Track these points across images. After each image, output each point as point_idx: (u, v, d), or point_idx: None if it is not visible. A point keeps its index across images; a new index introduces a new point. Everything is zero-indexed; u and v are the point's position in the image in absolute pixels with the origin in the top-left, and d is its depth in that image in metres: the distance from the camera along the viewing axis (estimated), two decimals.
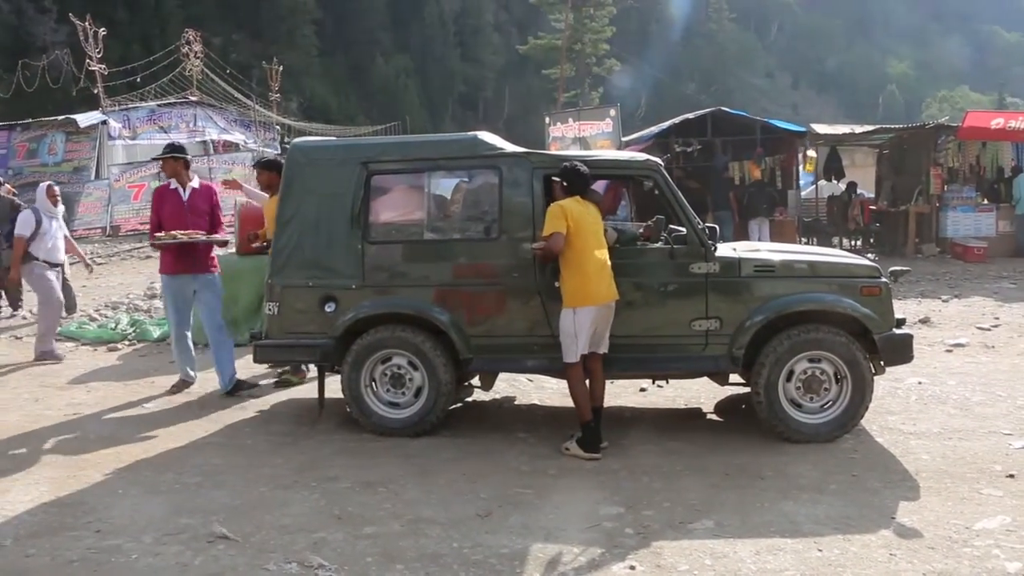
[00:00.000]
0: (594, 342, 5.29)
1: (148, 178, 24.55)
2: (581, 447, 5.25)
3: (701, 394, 6.73)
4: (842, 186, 17.87)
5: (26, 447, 5.70)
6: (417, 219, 6.06)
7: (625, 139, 19.70)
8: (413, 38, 67.40)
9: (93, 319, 10.76)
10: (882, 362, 5.59)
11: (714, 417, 6.32)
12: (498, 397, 6.83)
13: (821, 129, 17.72)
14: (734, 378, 5.90)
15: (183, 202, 7.00)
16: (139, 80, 29.07)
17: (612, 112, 21.35)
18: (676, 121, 17.18)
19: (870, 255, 15.24)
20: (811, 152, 16.59)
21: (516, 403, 6.80)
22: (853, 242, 17.29)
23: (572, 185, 5.30)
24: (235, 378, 7.07)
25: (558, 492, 4.75)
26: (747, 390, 5.76)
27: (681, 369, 5.82)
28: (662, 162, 5.96)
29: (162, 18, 50.10)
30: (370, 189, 5.82)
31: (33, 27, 47.96)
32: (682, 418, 6.30)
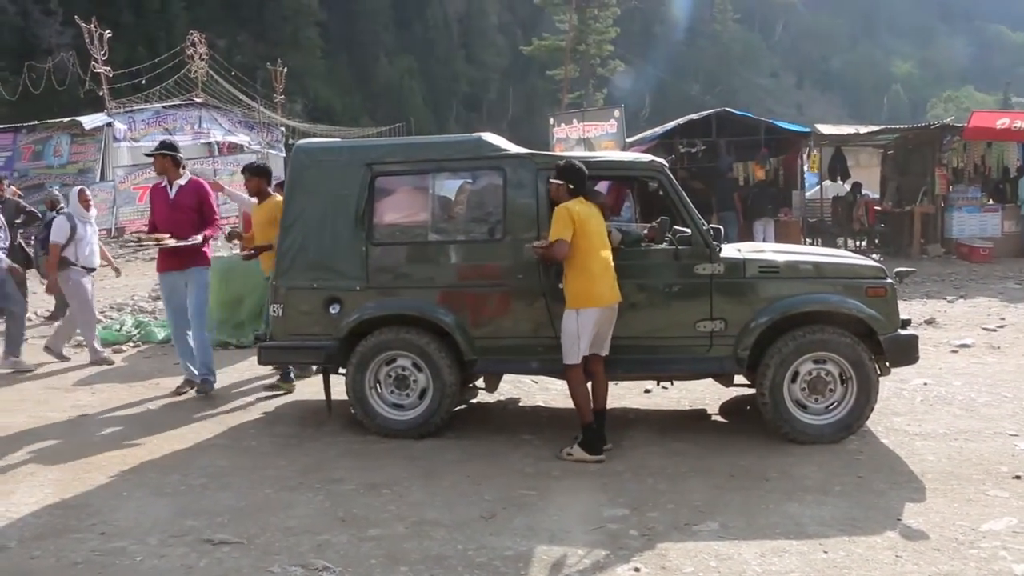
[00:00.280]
0: (596, 344, 5.28)
1: (153, 180, 24.64)
2: (584, 449, 5.23)
3: (706, 395, 6.71)
4: (847, 187, 17.85)
5: (31, 449, 5.72)
6: (421, 220, 6.04)
7: (629, 140, 19.70)
8: (417, 39, 67.47)
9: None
10: (887, 363, 5.58)
11: (719, 418, 6.31)
12: (503, 399, 6.83)
13: (826, 129, 17.71)
14: (739, 379, 5.88)
15: (169, 199, 7.03)
16: (144, 82, 29.11)
17: (616, 113, 21.37)
18: (680, 122, 17.16)
19: (875, 256, 15.21)
20: (814, 151, 16.58)
21: (520, 405, 6.80)
22: (858, 243, 17.28)
23: (576, 184, 5.26)
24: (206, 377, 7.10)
25: (562, 494, 4.74)
26: (752, 391, 5.75)
27: (686, 370, 5.81)
28: (666, 163, 5.95)
29: (167, 20, 50.23)
30: (374, 190, 5.82)
31: (39, 29, 48.06)
32: (687, 419, 6.29)
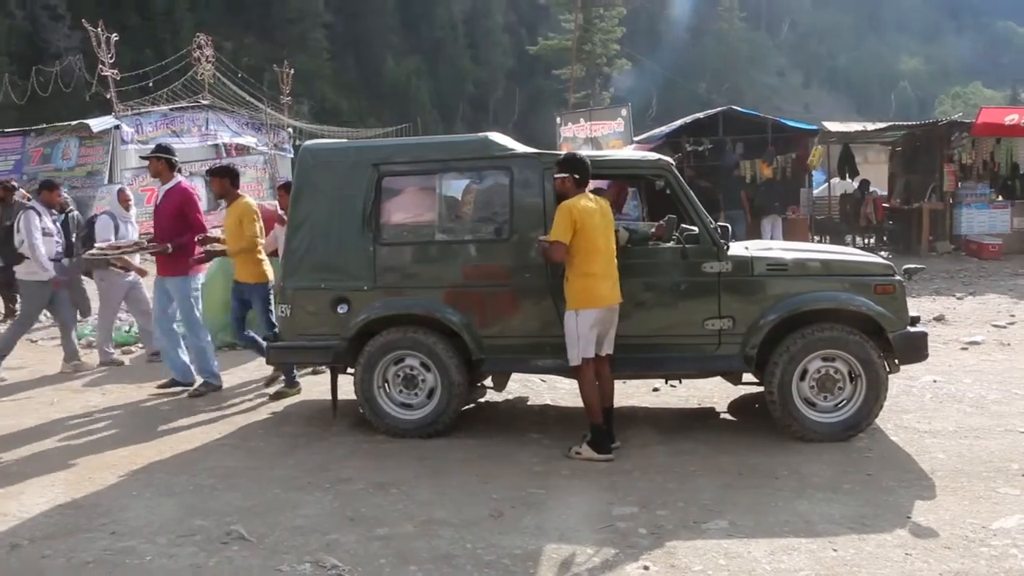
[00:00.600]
0: (599, 344, 5.27)
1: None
2: (593, 448, 5.23)
3: (714, 394, 6.71)
4: (855, 184, 17.81)
5: (42, 449, 5.75)
6: (428, 220, 6.05)
7: (636, 139, 19.71)
8: (423, 40, 67.50)
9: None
10: (896, 360, 5.56)
11: (728, 417, 6.31)
12: (511, 398, 6.83)
13: (833, 127, 17.66)
14: (747, 377, 5.88)
15: (156, 203, 7.13)
16: (151, 85, 29.13)
17: (623, 112, 21.38)
18: (687, 120, 17.16)
19: (883, 253, 15.18)
20: (819, 147, 16.53)
21: (529, 404, 6.80)
22: (866, 240, 17.23)
23: (581, 174, 5.24)
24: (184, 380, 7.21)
25: (571, 492, 4.74)
26: (761, 389, 5.73)
27: (694, 369, 5.80)
28: (673, 161, 5.94)
29: (174, 23, 50.36)
30: (381, 191, 5.83)
31: (47, 33, 48.25)
32: (695, 418, 6.28)
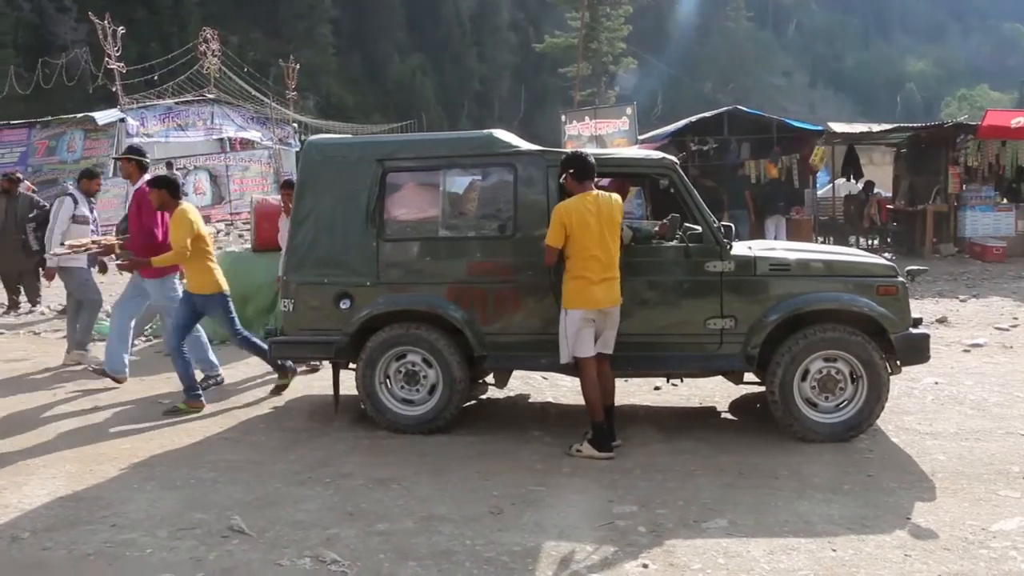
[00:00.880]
0: (599, 344, 5.27)
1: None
2: (594, 446, 5.23)
3: (716, 393, 6.71)
4: (860, 185, 17.79)
5: (43, 442, 5.76)
6: (432, 217, 6.05)
7: (641, 137, 19.67)
8: (429, 37, 67.55)
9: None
10: (898, 362, 5.56)
11: (728, 416, 6.31)
12: (512, 395, 6.83)
13: (838, 128, 17.62)
14: (749, 377, 5.88)
15: (127, 205, 7.25)
16: (157, 78, 29.23)
17: (628, 110, 21.31)
18: (692, 120, 17.14)
19: (887, 254, 15.14)
20: (821, 147, 16.51)
21: (530, 401, 6.81)
22: (870, 241, 17.20)
23: (577, 172, 5.24)
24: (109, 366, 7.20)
25: (571, 490, 4.74)
26: (762, 389, 5.74)
27: (696, 368, 5.81)
28: (678, 160, 5.94)
29: (181, 16, 50.49)
30: (385, 187, 5.83)
31: (54, 26, 48.42)
32: (696, 417, 6.28)
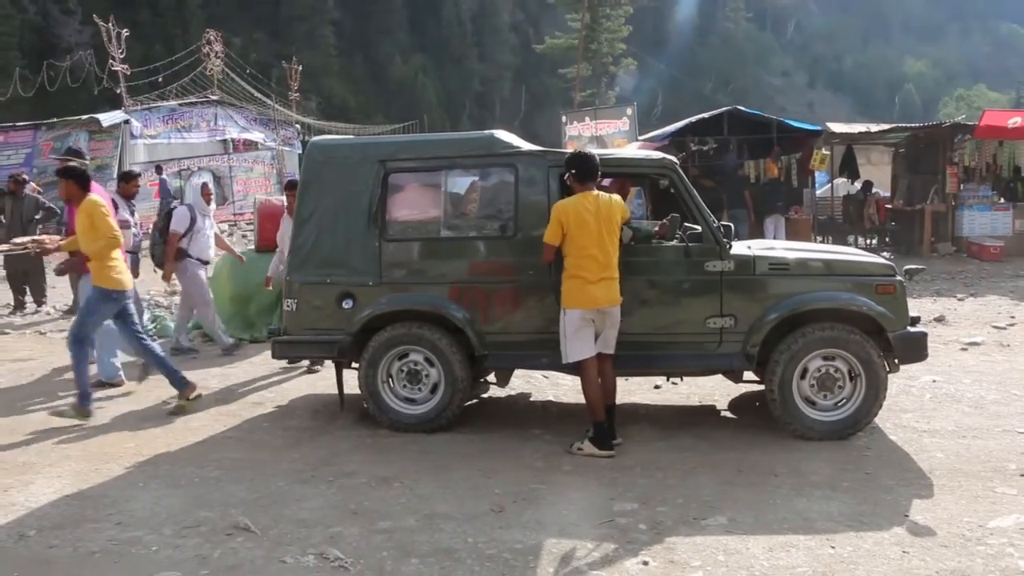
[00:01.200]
0: (600, 343, 5.31)
1: (169, 177, 24.71)
2: (595, 444, 5.26)
3: (715, 391, 6.74)
4: (858, 185, 17.82)
5: (50, 441, 5.79)
6: (434, 217, 6.08)
7: (641, 138, 19.69)
8: (430, 38, 67.59)
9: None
10: (896, 360, 5.59)
11: (728, 414, 6.34)
12: (513, 394, 6.87)
13: (837, 128, 17.64)
14: (748, 375, 5.91)
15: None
16: (161, 80, 29.26)
17: (628, 111, 21.38)
18: (692, 120, 17.14)
19: (885, 254, 15.18)
20: (824, 150, 16.51)
21: (531, 400, 6.84)
22: (868, 241, 17.23)
23: (578, 172, 5.28)
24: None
25: (572, 488, 4.77)
26: (761, 388, 5.77)
27: (695, 366, 5.84)
28: (678, 160, 5.97)
29: (184, 19, 50.58)
30: (387, 187, 5.86)
31: (58, 28, 48.54)
32: (696, 415, 6.31)
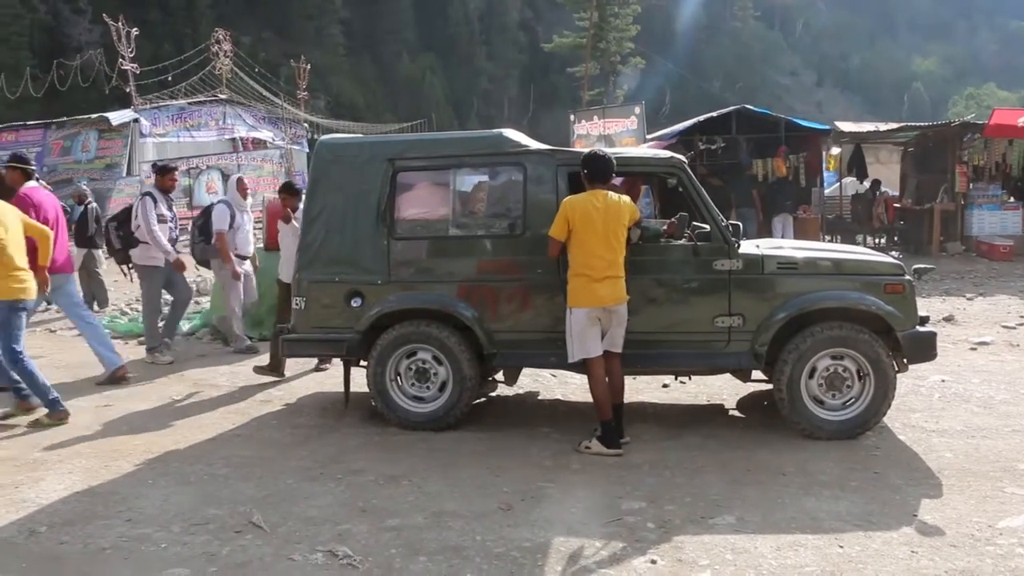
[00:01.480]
0: (606, 342, 5.31)
1: (178, 175, 24.81)
2: (603, 443, 5.26)
3: (723, 390, 6.74)
4: (866, 184, 17.78)
5: (60, 438, 5.82)
6: (442, 215, 6.10)
7: (649, 137, 19.68)
8: (439, 36, 67.63)
9: (124, 313, 10.93)
10: (905, 360, 5.56)
11: (736, 413, 6.33)
12: (522, 392, 6.87)
13: (845, 127, 17.60)
14: (756, 375, 5.91)
15: None
16: (170, 79, 29.38)
17: (637, 110, 21.36)
18: (700, 119, 17.12)
19: (894, 253, 15.15)
20: (835, 149, 16.47)
21: (539, 398, 6.84)
22: (877, 240, 17.20)
23: (590, 171, 5.28)
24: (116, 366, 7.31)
25: (580, 487, 4.77)
26: (769, 387, 5.76)
27: (704, 365, 5.83)
28: (686, 159, 5.96)
29: (193, 18, 50.72)
30: (396, 186, 5.87)
31: (69, 28, 48.76)
32: (704, 414, 6.31)
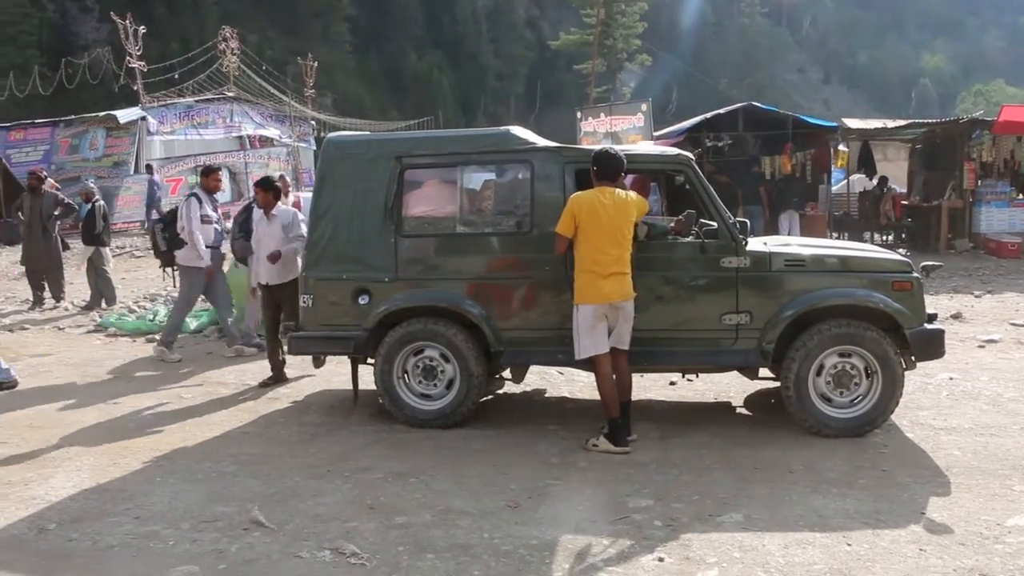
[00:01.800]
0: (613, 338, 5.31)
1: (185, 172, 24.83)
2: (610, 441, 5.26)
3: (731, 388, 6.73)
4: (874, 181, 17.72)
5: (69, 435, 5.85)
6: (449, 213, 6.09)
7: (656, 134, 19.66)
8: (446, 34, 67.55)
9: (132, 311, 10.95)
10: (913, 357, 5.55)
11: (744, 411, 6.32)
12: (529, 390, 6.87)
13: (853, 124, 17.53)
14: (764, 372, 5.89)
15: None
16: (177, 77, 29.41)
17: (643, 107, 21.36)
18: (707, 116, 17.08)
19: (902, 250, 15.10)
20: (842, 147, 16.41)
21: (546, 396, 6.85)
22: (885, 237, 17.13)
23: (600, 169, 5.29)
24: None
25: (588, 484, 4.77)
26: (777, 384, 5.75)
27: (711, 363, 5.83)
28: (693, 156, 5.95)
29: (200, 16, 50.75)
30: (403, 183, 5.88)
31: (76, 26, 48.92)
32: (712, 412, 6.31)
